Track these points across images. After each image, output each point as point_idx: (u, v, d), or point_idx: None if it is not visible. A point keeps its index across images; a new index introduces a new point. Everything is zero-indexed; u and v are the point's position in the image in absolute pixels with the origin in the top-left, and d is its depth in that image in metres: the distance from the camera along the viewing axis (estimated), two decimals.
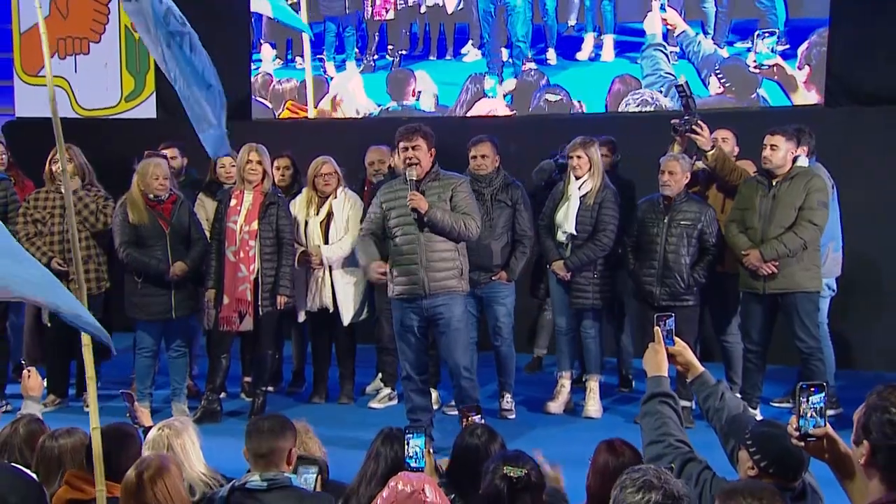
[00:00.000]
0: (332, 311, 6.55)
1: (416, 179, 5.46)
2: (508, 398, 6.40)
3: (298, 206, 6.61)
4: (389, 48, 8.87)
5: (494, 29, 8.55)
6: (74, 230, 3.72)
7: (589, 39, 8.31)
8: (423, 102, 8.78)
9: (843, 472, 2.64)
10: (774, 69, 7.83)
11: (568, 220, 6.21)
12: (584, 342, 6.43)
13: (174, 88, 4.29)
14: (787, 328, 5.99)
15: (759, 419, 3.84)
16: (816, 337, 5.93)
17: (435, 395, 6.43)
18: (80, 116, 9.58)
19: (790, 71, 7.80)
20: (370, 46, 8.91)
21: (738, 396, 4.04)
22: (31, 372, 4.29)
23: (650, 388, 3.31)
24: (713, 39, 7.96)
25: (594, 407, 6.36)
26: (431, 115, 8.52)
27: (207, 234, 6.41)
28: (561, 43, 8.39)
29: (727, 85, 7.94)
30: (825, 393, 2.65)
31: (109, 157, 7.24)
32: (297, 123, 9.09)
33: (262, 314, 6.24)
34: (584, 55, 8.34)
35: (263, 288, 6.22)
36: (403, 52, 8.83)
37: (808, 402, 2.61)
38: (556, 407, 6.44)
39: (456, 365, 5.55)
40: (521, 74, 8.52)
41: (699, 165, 6.33)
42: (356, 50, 8.95)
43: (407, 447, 3.42)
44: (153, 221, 6.22)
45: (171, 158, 7.04)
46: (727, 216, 6.13)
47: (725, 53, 7.96)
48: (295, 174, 6.99)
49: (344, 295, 6.54)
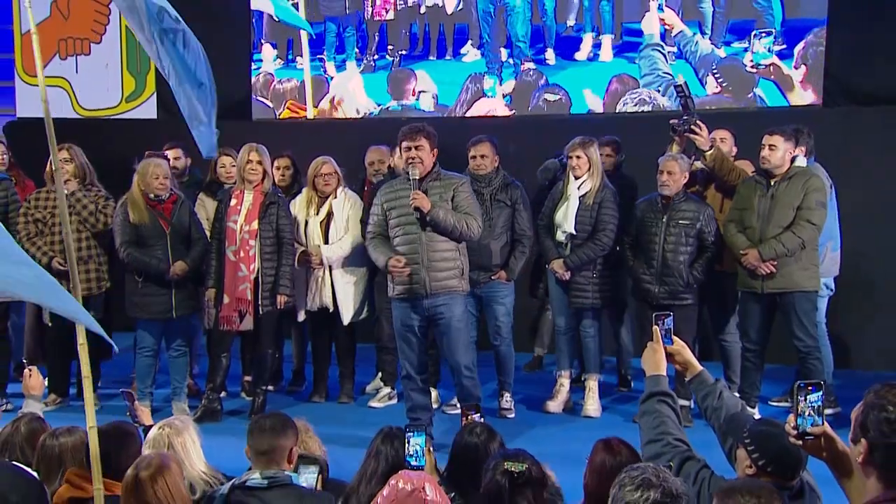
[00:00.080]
0: (332, 310, 6.57)
1: (418, 179, 5.47)
2: (508, 397, 6.40)
3: (298, 205, 6.62)
4: (389, 48, 8.88)
5: (494, 29, 8.57)
6: (68, 229, 3.71)
7: (587, 39, 8.33)
8: (422, 102, 8.79)
9: (840, 470, 2.65)
10: (771, 69, 7.86)
11: (567, 219, 6.22)
12: (583, 341, 6.44)
13: (170, 86, 4.28)
14: (785, 327, 6.00)
15: (757, 418, 3.85)
16: (814, 336, 5.93)
17: (435, 394, 6.44)
18: (81, 117, 9.60)
19: (786, 70, 7.82)
20: (370, 46, 8.92)
21: (736, 395, 4.05)
22: (32, 371, 4.31)
23: (649, 386, 3.32)
24: (710, 39, 7.99)
25: (593, 406, 6.37)
26: (431, 114, 8.53)
27: (208, 233, 6.43)
28: (559, 43, 8.41)
29: (724, 84, 7.97)
30: (823, 392, 2.66)
31: (110, 157, 7.25)
32: (297, 123, 9.09)
33: (262, 313, 6.25)
34: (582, 55, 8.36)
35: (263, 287, 6.23)
36: (403, 52, 8.84)
37: (806, 400, 2.62)
38: (555, 406, 6.45)
39: (457, 364, 5.55)
40: (520, 74, 8.53)
41: (698, 165, 6.34)
42: (356, 50, 8.96)
43: (407, 446, 3.43)
44: (154, 221, 6.23)
45: (174, 159, 7.07)
46: (726, 216, 6.14)
47: (723, 53, 7.98)
48: (295, 174, 7.00)
49: (344, 294, 6.55)
